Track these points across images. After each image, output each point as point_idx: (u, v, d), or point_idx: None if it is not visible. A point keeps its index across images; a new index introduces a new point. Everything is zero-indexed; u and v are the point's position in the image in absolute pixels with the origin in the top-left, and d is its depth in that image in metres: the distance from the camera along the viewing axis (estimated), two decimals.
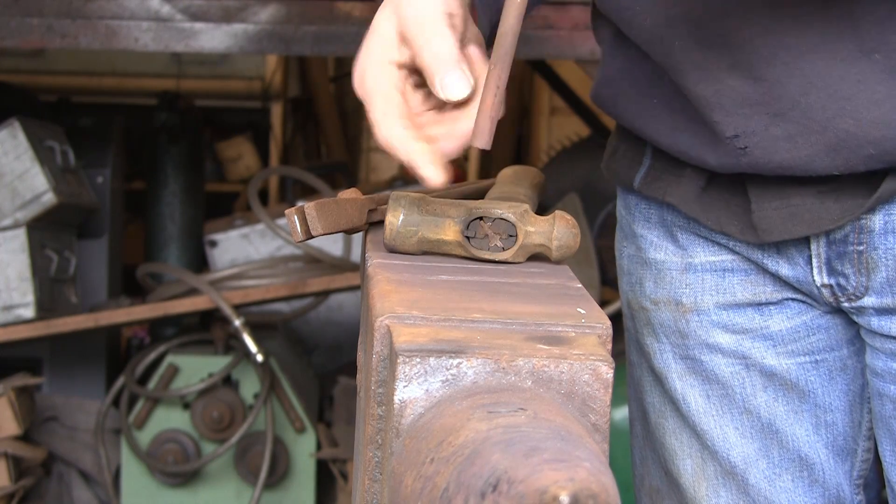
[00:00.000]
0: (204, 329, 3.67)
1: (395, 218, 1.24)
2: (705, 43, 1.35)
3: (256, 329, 3.55)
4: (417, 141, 1.18)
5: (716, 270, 1.53)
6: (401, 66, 1.22)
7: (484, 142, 1.17)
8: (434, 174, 1.17)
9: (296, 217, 1.26)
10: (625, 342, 1.68)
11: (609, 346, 1.05)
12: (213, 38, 3.11)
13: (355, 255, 3.71)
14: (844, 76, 1.32)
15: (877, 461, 1.55)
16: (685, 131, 1.43)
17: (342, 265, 3.60)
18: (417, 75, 1.25)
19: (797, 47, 1.31)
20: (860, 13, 1.29)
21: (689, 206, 1.50)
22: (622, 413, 3.02)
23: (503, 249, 1.26)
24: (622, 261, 1.63)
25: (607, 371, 0.99)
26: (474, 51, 1.25)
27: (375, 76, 1.21)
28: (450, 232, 1.25)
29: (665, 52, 1.39)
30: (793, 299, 1.51)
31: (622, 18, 1.42)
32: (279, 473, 3.57)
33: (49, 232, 3.43)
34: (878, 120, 1.32)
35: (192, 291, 3.50)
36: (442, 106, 1.26)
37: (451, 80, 1.17)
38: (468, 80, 1.18)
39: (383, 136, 1.19)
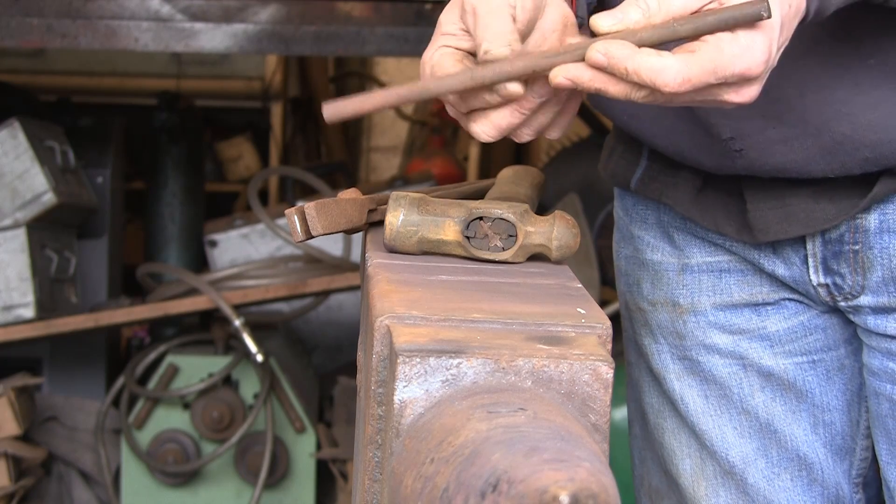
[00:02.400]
0: (204, 329, 3.67)
1: (395, 218, 1.25)
2: None
3: (256, 329, 3.54)
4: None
5: (712, 271, 1.53)
6: (460, 53, 1.20)
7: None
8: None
9: (296, 217, 1.27)
10: (623, 342, 1.68)
11: (609, 346, 1.05)
12: (213, 38, 3.11)
13: (355, 255, 3.71)
14: (840, 80, 1.32)
15: (876, 459, 1.55)
16: (681, 133, 1.44)
17: (342, 265, 3.60)
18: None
19: (793, 51, 1.31)
20: (856, 19, 1.29)
21: (686, 206, 1.50)
22: (622, 413, 3.02)
23: (503, 249, 1.26)
24: (620, 262, 1.63)
25: (607, 371, 0.99)
26: (544, 34, 1.23)
27: (433, 59, 1.19)
28: (450, 232, 1.25)
29: None
30: (789, 299, 1.51)
31: None
32: (279, 473, 3.56)
33: (49, 232, 3.43)
34: (874, 123, 1.32)
35: (192, 291, 3.50)
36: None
37: (495, 45, 1.15)
38: (510, 46, 1.15)
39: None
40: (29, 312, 3.31)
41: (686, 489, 1.59)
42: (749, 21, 1.13)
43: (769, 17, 1.12)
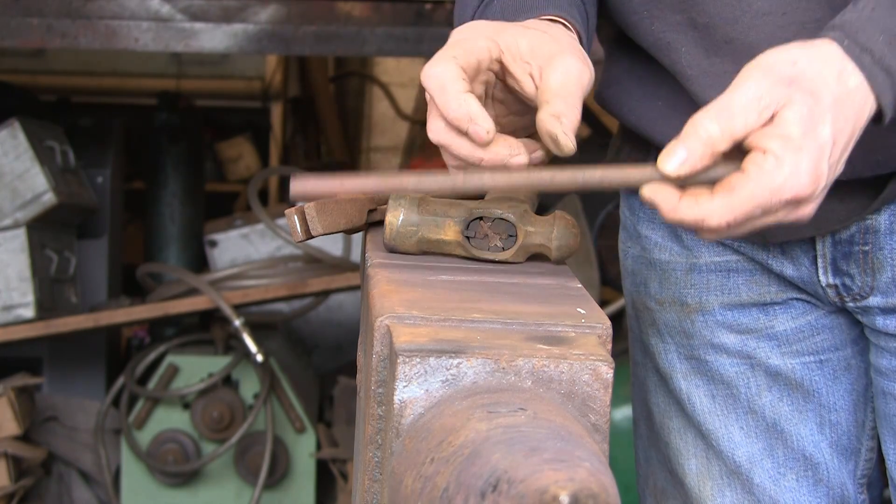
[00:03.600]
0: (204, 329, 3.67)
1: (395, 218, 1.25)
2: (712, 49, 1.35)
3: (256, 329, 3.54)
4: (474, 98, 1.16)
5: (720, 271, 1.53)
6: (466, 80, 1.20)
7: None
8: (489, 125, 1.15)
9: (296, 217, 1.27)
10: (628, 342, 1.68)
11: (609, 346, 1.05)
12: (213, 38, 3.11)
13: (355, 255, 3.71)
14: None
15: (880, 460, 1.55)
16: None
17: (342, 265, 3.60)
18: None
19: None
20: None
21: None
22: (622, 413, 3.02)
23: (503, 249, 1.26)
24: (626, 261, 1.63)
25: (607, 371, 0.99)
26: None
27: (440, 72, 1.18)
28: (450, 232, 1.25)
29: (672, 58, 1.39)
30: (797, 299, 1.51)
31: (629, 23, 1.42)
32: (279, 473, 3.56)
33: (49, 232, 3.43)
34: (889, 126, 1.32)
35: (192, 291, 3.49)
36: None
37: (564, 133, 1.18)
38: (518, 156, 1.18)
39: (436, 73, 1.16)
40: (29, 312, 3.30)
41: (691, 489, 1.58)
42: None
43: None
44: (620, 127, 1.58)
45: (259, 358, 3.40)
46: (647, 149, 1.54)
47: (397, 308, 1.05)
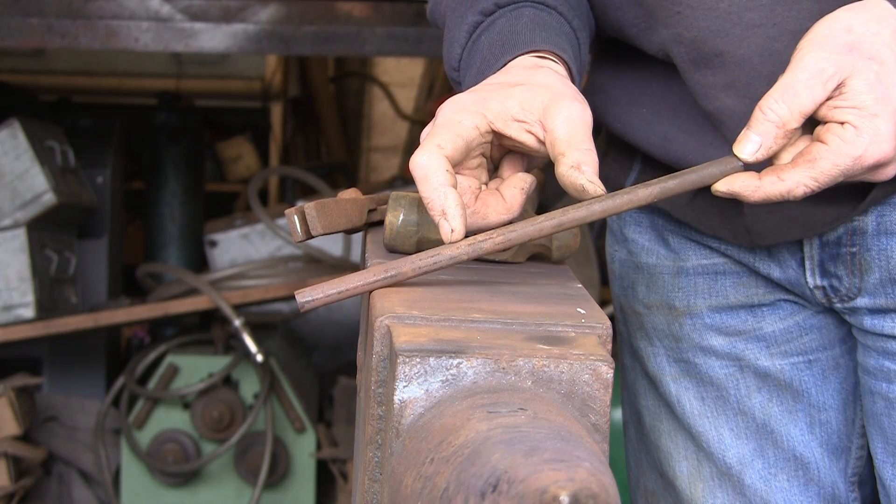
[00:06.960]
0: (204, 329, 3.67)
1: (395, 218, 1.25)
2: (701, 63, 1.36)
3: (256, 329, 3.54)
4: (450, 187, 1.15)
5: (708, 273, 1.53)
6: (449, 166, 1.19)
7: None
8: (457, 226, 1.14)
9: (296, 217, 1.26)
10: (618, 345, 1.68)
11: (609, 346, 1.05)
12: (213, 38, 3.11)
13: (355, 255, 3.71)
14: None
15: (870, 458, 1.55)
16: (676, 142, 1.44)
17: (342, 265, 3.60)
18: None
19: None
20: None
21: (681, 211, 1.50)
22: (622, 413, 3.02)
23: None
24: (613, 265, 1.63)
25: (607, 371, 0.99)
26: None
27: (427, 164, 1.17)
28: None
29: (673, 68, 1.40)
30: (785, 300, 1.51)
31: (628, 35, 1.43)
32: (279, 473, 3.57)
33: (49, 232, 3.43)
34: None
35: (192, 291, 3.50)
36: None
37: (590, 181, 1.16)
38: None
39: (421, 162, 1.16)
40: (29, 312, 3.31)
41: (683, 491, 1.58)
42: (730, 173, 1.20)
43: (744, 167, 1.20)
44: (605, 133, 1.58)
45: (259, 358, 3.40)
46: (632, 155, 1.54)
47: (397, 308, 1.05)
